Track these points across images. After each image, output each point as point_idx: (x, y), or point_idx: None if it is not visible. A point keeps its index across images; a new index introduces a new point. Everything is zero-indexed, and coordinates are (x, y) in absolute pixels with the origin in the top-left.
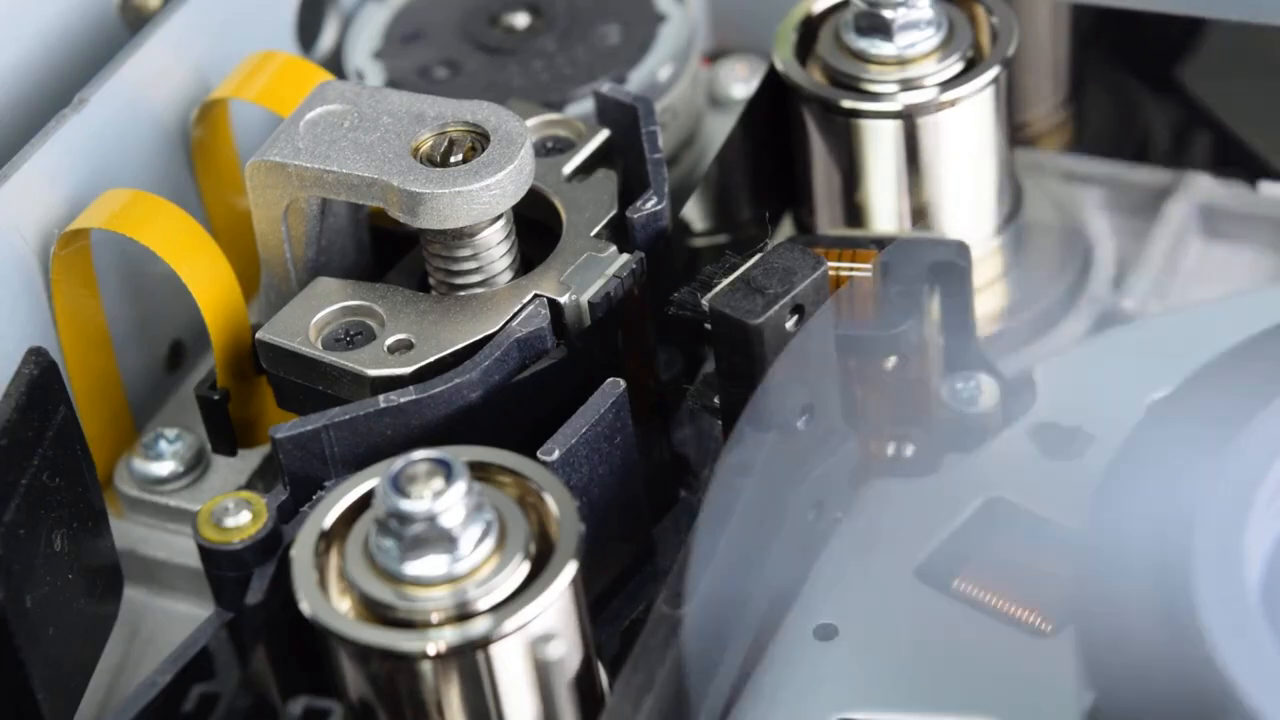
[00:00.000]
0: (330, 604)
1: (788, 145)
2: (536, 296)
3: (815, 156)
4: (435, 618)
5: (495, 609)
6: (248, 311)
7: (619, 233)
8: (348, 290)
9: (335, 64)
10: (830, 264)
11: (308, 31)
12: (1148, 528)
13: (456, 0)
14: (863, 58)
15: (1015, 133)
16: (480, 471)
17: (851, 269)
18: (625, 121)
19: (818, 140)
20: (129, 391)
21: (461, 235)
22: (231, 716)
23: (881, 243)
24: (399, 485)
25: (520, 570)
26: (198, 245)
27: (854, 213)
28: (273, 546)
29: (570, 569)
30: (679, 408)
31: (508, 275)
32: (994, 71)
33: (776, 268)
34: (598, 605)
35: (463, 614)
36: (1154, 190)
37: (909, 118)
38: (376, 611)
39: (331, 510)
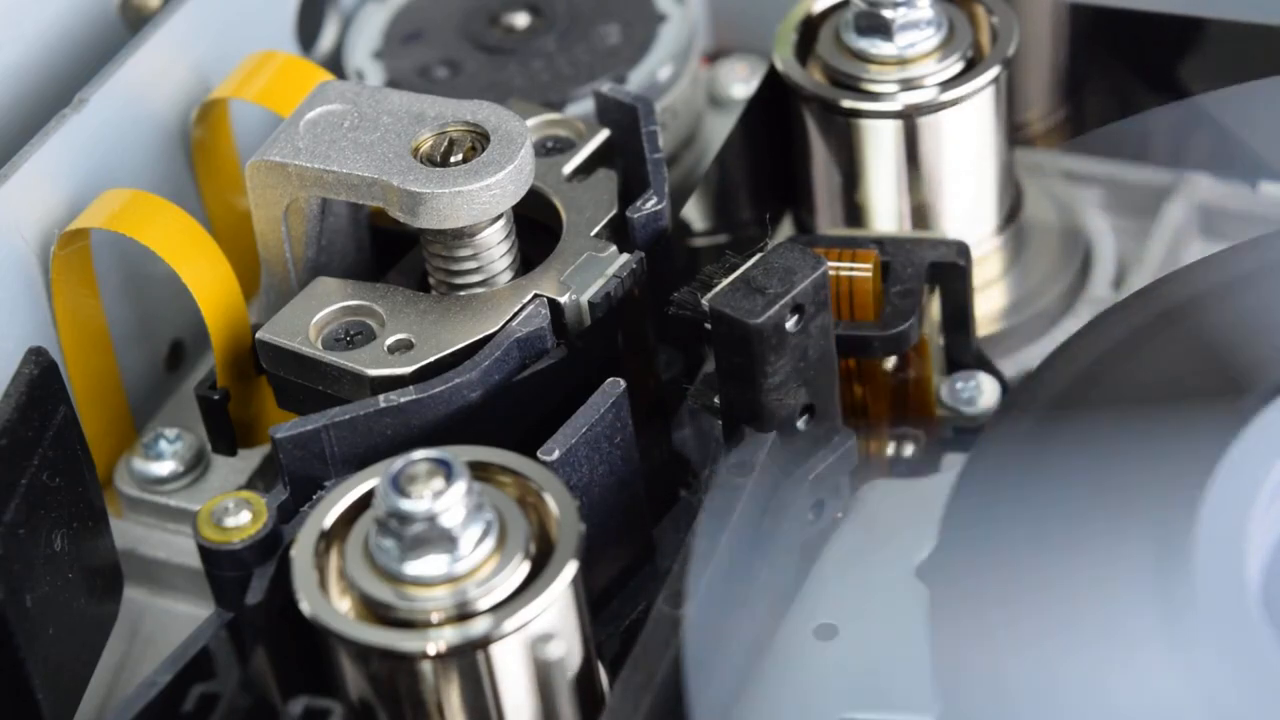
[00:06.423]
0: (330, 604)
1: (788, 145)
2: (536, 296)
3: (815, 156)
4: (435, 618)
5: (495, 609)
6: (248, 311)
7: (619, 233)
8: (348, 290)
9: (335, 64)
10: (830, 264)
11: (308, 31)
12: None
13: (456, 0)
14: (863, 58)
15: (1015, 133)
16: (480, 471)
17: (851, 269)
18: (625, 121)
19: (818, 140)
20: (129, 391)
21: (461, 235)
22: (231, 716)
23: (881, 243)
24: (399, 485)
25: (520, 570)
26: (198, 245)
27: (854, 213)
28: (273, 546)
29: (570, 569)
30: (679, 408)
31: (508, 275)
32: (994, 71)
33: (776, 268)
34: (598, 605)
35: (463, 614)
36: (1154, 190)
37: (909, 118)
38: (376, 611)
39: (331, 510)
